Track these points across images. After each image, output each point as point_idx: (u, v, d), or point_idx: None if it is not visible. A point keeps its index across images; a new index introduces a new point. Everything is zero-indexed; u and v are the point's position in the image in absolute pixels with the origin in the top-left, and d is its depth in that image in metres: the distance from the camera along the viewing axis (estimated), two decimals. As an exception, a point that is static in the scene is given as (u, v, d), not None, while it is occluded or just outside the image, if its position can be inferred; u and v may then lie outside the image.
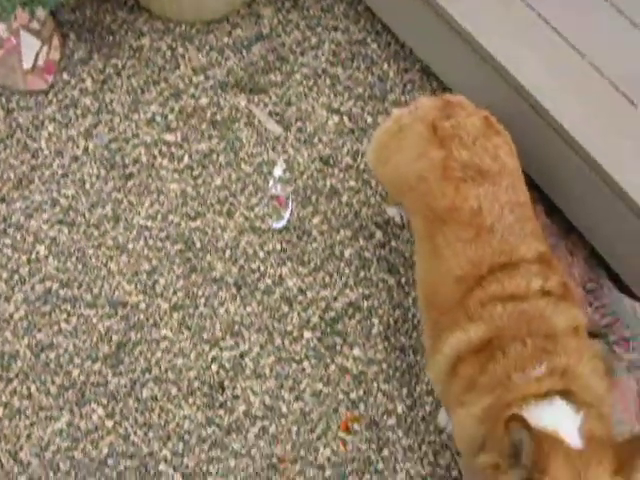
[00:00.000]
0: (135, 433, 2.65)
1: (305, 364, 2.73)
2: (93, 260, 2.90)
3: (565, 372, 2.05)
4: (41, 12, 3.12)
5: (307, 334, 2.78)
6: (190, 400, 2.69)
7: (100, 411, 2.68)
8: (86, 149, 3.10)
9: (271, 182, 3.04)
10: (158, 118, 3.17)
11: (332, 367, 2.73)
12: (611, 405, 2.18)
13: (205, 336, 2.78)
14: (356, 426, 2.64)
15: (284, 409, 2.67)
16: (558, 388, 2.00)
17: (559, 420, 1.92)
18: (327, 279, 2.87)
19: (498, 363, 2.10)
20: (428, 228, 2.39)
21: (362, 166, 3.05)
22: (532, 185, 2.77)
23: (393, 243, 2.94)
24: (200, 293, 2.85)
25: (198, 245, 2.93)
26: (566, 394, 1.99)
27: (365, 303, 2.83)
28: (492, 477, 1.99)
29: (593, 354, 2.20)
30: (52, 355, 2.75)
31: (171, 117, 3.17)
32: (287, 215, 2.98)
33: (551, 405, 1.96)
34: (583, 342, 2.19)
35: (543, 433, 1.82)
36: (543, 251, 2.30)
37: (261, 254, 2.91)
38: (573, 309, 2.22)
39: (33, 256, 2.90)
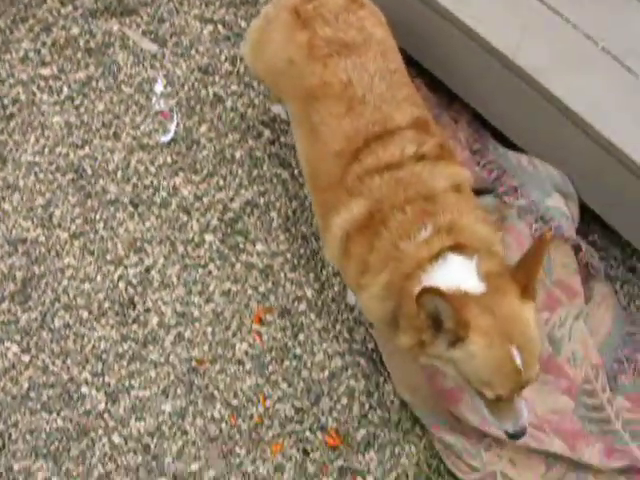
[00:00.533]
0: (53, 363, 2.64)
1: (211, 267, 2.75)
2: (-15, 204, 2.86)
3: (451, 228, 2.07)
4: None
5: (209, 238, 2.79)
6: (103, 321, 2.68)
7: (14, 348, 2.66)
8: (-38, 97, 3.04)
9: (154, 99, 3.02)
10: (31, 54, 3.11)
11: (238, 265, 2.75)
12: (500, 244, 2.24)
13: (108, 257, 2.77)
14: (269, 317, 2.67)
15: (196, 313, 2.68)
16: (448, 244, 2.04)
17: (458, 273, 1.97)
18: (221, 182, 2.88)
19: (383, 237, 2.11)
20: (303, 109, 2.40)
21: (242, 70, 3.05)
22: (411, 62, 2.81)
23: (282, 139, 2.95)
24: (98, 217, 2.83)
25: (89, 172, 2.91)
26: (457, 248, 2.03)
27: (262, 199, 2.85)
28: (420, 353, 2.04)
29: (475, 206, 2.24)
30: (-43, 302, 2.72)
31: (44, 51, 3.12)
32: (173, 128, 2.96)
33: (446, 262, 2.00)
34: (464, 197, 2.22)
35: (450, 293, 1.87)
36: (418, 115, 2.31)
37: (152, 169, 2.90)
38: (451, 167, 2.24)
39: None
